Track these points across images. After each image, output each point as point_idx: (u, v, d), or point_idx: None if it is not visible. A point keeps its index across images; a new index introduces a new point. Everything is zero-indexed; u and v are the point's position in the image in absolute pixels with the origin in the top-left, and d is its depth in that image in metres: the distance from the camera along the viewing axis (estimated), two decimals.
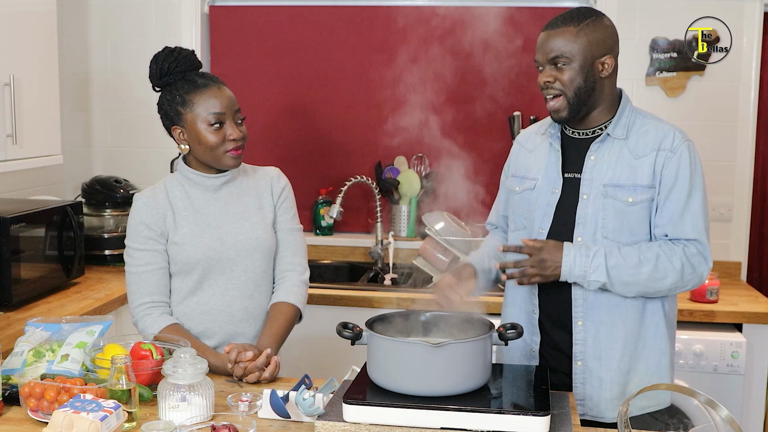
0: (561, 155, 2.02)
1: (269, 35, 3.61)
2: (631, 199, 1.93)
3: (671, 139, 1.94)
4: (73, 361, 1.87)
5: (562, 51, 1.91)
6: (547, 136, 2.06)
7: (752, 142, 3.32)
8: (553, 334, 2.02)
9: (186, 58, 2.06)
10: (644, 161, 1.94)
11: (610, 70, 1.94)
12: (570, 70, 1.91)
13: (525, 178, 2.09)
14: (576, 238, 1.96)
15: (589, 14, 1.93)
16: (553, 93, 1.94)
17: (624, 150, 1.96)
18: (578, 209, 1.97)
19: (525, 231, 2.05)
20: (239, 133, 2.05)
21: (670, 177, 1.93)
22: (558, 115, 1.96)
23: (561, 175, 2.01)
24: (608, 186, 1.95)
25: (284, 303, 2.12)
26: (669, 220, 1.93)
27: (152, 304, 2.07)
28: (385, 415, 1.55)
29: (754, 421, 2.90)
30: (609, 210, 1.94)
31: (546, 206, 2.01)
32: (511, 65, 3.44)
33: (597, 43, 1.91)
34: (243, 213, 2.12)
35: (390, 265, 3.44)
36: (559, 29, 1.92)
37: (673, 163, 1.93)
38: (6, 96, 2.71)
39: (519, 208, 2.08)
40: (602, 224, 1.94)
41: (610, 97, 1.98)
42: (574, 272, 1.90)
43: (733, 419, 1.47)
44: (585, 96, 1.93)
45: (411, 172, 3.58)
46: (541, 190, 2.03)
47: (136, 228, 2.07)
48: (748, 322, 2.86)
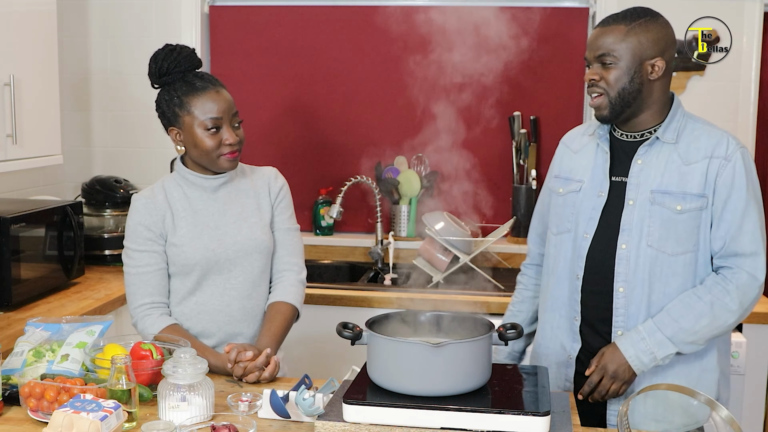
0: (609, 157, 1.96)
1: (269, 35, 3.61)
2: (679, 207, 1.86)
3: (725, 146, 1.87)
4: (73, 361, 1.87)
5: (609, 49, 1.86)
6: (595, 137, 2.00)
7: (752, 142, 3.32)
8: (592, 341, 1.96)
9: (186, 58, 2.06)
10: (695, 168, 1.87)
11: (660, 73, 1.87)
12: (616, 69, 1.86)
13: (570, 179, 2.02)
14: (620, 246, 1.90)
15: (644, 14, 1.88)
16: (597, 92, 1.89)
17: (674, 155, 1.89)
18: (623, 215, 1.91)
19: (569, 234, 1.98)
20: (236, 137, 2.04)
21: (725, 187, 1.85)
22: (599, 113, 1.91)
23: (608, 177, 1.94)
24: (656, 192, 1.88)
25: (282, 302, 2.12)
26: (727, 232, 1.86)
27: (152, 305, 2.06)
28: (385, 415, 1.55)
29: (754, 421, 2.90)
30: (656, 217, 1.87)
31: (591, 210, 1.95)
32: (512, 65, 3.45)
33: (647, 44, 1.85)
34: (241, 214, 2.12)
35: (390, 265, 3.44)
36: (610, 27, 1.87)
37: (728, 171, 1.85)
38: (6, 96, 2.70)
39: (563, 210, 2.01)
40: (647, 232, 1.88)
41: (660, 100, 1.91)
42: (645, 362, 1.85)
43: (733, 419, 1.47)
44: (629, 97, 1.87)
45: (411, 172, 3.58)
46: (587, 193, 1.96)
47: (135, 229, 2.07)
48: (748, 322, 2.85)
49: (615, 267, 1.90)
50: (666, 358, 1.86)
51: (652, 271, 1.88)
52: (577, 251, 1.96)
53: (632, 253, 1.89)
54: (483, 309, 2.87)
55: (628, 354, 1.85)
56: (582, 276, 1.95)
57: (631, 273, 1.89)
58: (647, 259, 1.88)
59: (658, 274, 1.88)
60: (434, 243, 3.21)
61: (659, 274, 1.88)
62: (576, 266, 1.96)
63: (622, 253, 1.90)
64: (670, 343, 1.85)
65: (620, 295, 1.91)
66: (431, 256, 3.24)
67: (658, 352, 1.85)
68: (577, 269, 1.96)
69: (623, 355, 1.86)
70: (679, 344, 1.85)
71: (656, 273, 1.88)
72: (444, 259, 3.21)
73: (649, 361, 1.85)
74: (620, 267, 1.90)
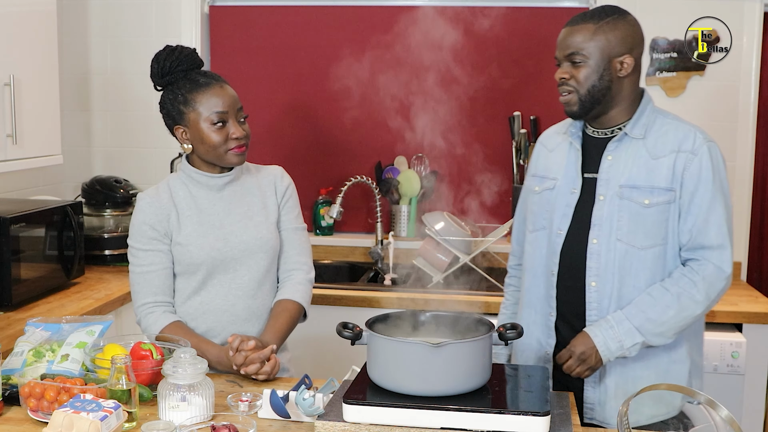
0: (581, 155, 1.99)
1: (269, 35, 3.61)
2: (647, 201, 1.89)
3: (692, 140, 1.90)
4: (73, 361, 1.87)
5: (578, 48, 1.89)
6: (567, 135, 2.03)
7: (752, 142, 3.32)
8: (568, 337, 1.99)
9: (188, 57, 2.06)
10: (663, 162, 1.90)
11: (629, 70, 1.91)
12: (585, 67, 1.89)
13: (545, 177, 2.06)
14: (591, 240, 1.93)
15: (612, 12, 1.91)
16: (567, 90, 1.93)
17: (641, 150, 1.92)
18: (594, 210, 1.94)
19: (544, 231, 2.02)
20: (242, 131, 2.04)
21: (692, 180, 1.88)
22: (569, 109, 1.95)
23: (581, 174, 1.98)
24: (624, 187, 1.91)
25: (288, 300, 2.12)
26: (694, 225, 1.89)
27: (155, 304, 2.06)
28: (385, 415, 1.55)
29: (754, 421, 2.90)
30: (624, 212, 1.90)
31: (565, 207, 1.98)
32: (512, 65, 3.45)
33: (616, 42, 1.88)
34: (247, 212, 2.12)
35: (390, 265, 3.44)
36: (578, 26, 1.90)
37: (695, 165, 1.88)
38: (6, 96, 2.70)
39: (539, 208, 2.05)
40: (617, 226, 1.91)
41: (630, 96, 1.94)
42: (612, 349, 1.88)
43: (733, 419, 1.47)
44: (599, 95, 1.91)
45: (411, 172, 3.58)
46: (561, 190, 2.00)
47: (140, 228, 2.07)
48: (748, 322, 2.86)
49: (587, 262, 1.94)
50: (633, 348, 1.89)
51: (623, 264, 1.91)
52: (551, 248, 2.00)
53: (603, 247, 1.93)
54: (483, 309, 2.88)
55: (597, 340, 1.89)
56: (557, 272, 1.98)
57: (603, 267, 1.93)
58: (618, 254, 1.91)
59: (628, 268, 1.91)
60: (434, 243, 3.21)
61: (629, 267, 1.91)
62: (551, 263, 2.00)
63: (593, 248, 1.94)
64: (638, 333, 1.88)
65: (592, 289, 1.94)
66: (431, 256, 3.24)
67: (625, 341, 1.88)
68: (552, 266, 1.99)
69: (592, 341, 1.90)
70: (646, 334, 1.88)
71: (626, 267, 1.91)
72: (444, 259, 3.21)
73: (616, 349, 1.89)
74: (591, 262, 1.94)
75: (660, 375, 1.95)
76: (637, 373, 1.95)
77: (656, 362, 1.95)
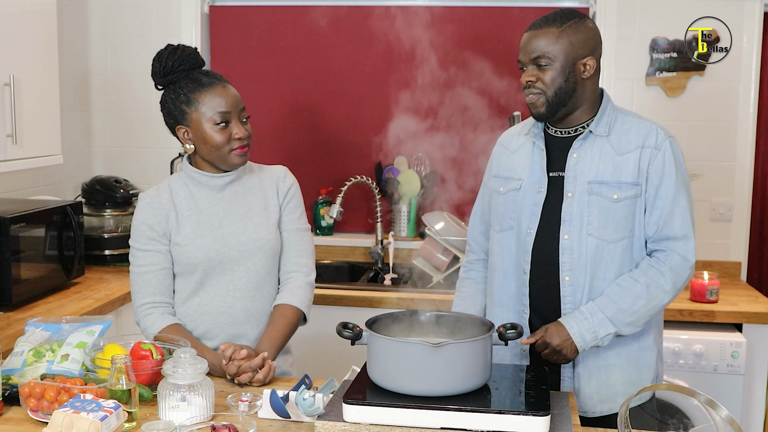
0: (546, 154, 2.03)
1: (269, 35, 3.61)
2: (616, 196, 1.95)
3: (654, 137, 1.97)
4: (73, 361, 1.87)
5: (543, 51, 1.93)
6: (530, 136, 2.08)
7: (752, 142, 3.32)
8: None
9: (190, 56, 2.05)
10: (628, 158, 1.96)
11: (591, 71, 1.96)
12: (551, 70, 1.94)
13: (509, 178, 2.09)
14: (563, 236, 1.97)
15: (572, 16, 1.96)
16: (534, 92, 1.97)
17: (607, 147, 1.98)
18: (563, 207, 1.98)
19: (512, 231, 2.05)
20: (245, 131, 2.04)
21: (656, 175, 1.95)
22: (536, 111, 1.99)
23: (546, 174, 2.02)
24: (593, 183, 1.96)
25: (287, 306, 2.09)
26: (660, 218, 1.95)
27: (153, 305, 2.06)
28: (385, 415, 1.55)
29: (754, 421, 2.90)
30: (594, 207, 1.96)
31: (533, 206, 2.02)
32: (512, 65, 3.45)
33: (579, 45, 1.94)
34: (247, 213, 2.11)
35: (390, 265, 3.44)
36: (542, 30, 1.95)
37: (659, 160, 1.95)
38: (6, 96, 2.71)
39: (505, 208, 2.08)
40: (587, 221, 1.96)
41: (592, 97, 2.00)
42: (587, 340, 1.93)
43: (733, 419, 1.47)
44: (565, 96, 1.96)
45: (411, 172, 3.58)
46: (527, 190, 2.04)
47: (139, 228, 2.07)
48: (748, 322, 2.86)
49: (560, 257, 1.98)
50: (606, 338, 1.94)
51: (594, 258, 1.96)
52: (522, 246, 2.03)
53: (575, 242, 1.97)
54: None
55: (572, 331, 1.93)
56: (529, 270, 2.02)
57: (575, 262, 1.97)
58: (589, 248, 1.96)
59: (599, 261, 1.97)
60: (434, 243, 3.21)
61: (600, 260, 1.97)
62: (522, 261, 2.03)
63: (565, 244, 1.98)
64: (610, 323, 1.93)
65: (567, 283, 1.98)
66: (431, 256, 3.24)
67: (599, 331, 1.93)
68: (523, 264, 2.02)
69: (568, 332, 1.93)
70: (618, 324, 1.94)
71: (597, 260, 1.97)
72: (444, 259, 3.21)
73: (591, 339, 1.93)
74: (564, 257, 1.98)
75: (631, 362, 2.01)
76: (610, 361, 2.00)
77: (627, 350, 2.01)
